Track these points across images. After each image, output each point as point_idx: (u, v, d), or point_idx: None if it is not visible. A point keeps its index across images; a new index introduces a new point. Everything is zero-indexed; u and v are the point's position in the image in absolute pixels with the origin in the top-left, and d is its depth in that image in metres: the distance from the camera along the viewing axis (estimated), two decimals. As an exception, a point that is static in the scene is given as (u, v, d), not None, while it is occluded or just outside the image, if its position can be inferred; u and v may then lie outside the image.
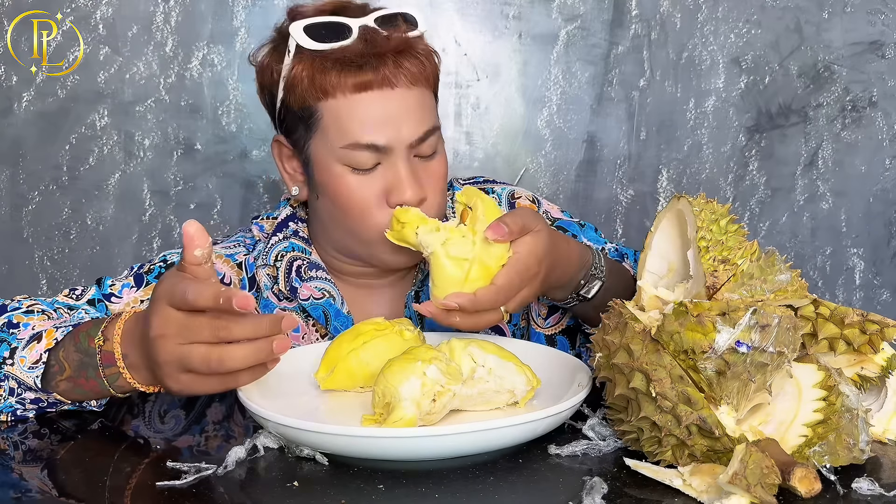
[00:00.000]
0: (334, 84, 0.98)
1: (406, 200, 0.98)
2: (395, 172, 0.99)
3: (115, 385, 0.83)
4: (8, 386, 0.87)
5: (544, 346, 0.98)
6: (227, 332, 0.74)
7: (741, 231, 0.78)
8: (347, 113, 0.98)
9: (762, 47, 1.73)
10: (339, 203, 1.02)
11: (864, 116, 1.76)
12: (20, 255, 1.68)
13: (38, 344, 0.87)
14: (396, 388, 0.75)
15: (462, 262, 0.83)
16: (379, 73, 0.98)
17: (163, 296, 0.76)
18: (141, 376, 0.82)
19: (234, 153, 1.69)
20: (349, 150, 0.99)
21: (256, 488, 0.70)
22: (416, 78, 1.00)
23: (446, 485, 0.69)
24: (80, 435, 0.85)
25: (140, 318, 0.81)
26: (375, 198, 1.00)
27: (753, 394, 0.69)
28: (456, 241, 0.84)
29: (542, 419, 0.74)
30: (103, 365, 0.82)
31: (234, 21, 1.66)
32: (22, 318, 0.92)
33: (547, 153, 1.75)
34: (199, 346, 0.74)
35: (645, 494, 0.68)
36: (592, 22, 1.72)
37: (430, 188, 1.02)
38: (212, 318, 0.74)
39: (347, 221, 1.03)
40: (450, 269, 0.84)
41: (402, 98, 0.99)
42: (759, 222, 1.79)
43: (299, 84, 1.00)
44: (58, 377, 0.85)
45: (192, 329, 0.74)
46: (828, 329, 0.73)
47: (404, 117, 0.99)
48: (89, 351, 0.83)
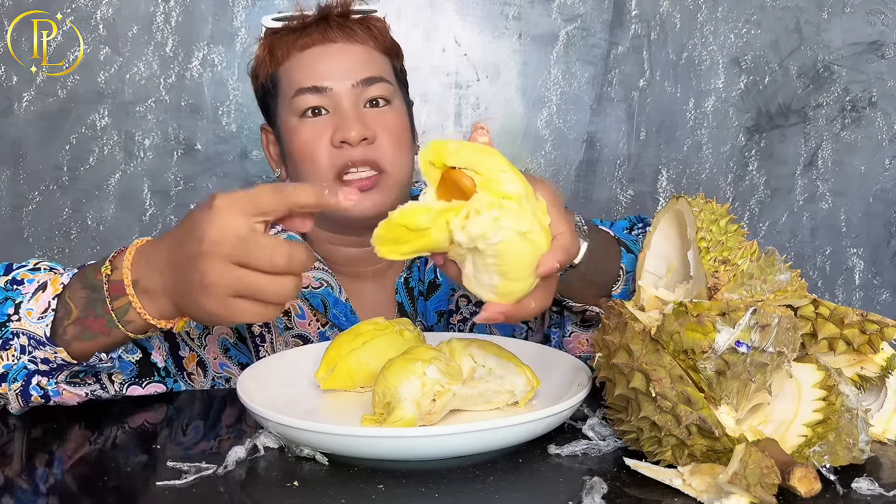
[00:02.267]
0: (286, 49, 1.11)
1: (349, 138, 1.04)
2: (341, 112, 1.07)
3: (124, 320, 0.77)
4: (18, 343, 0.81)
5: (544, 346, 0.98)
6: (286, 263, 0.68)
7: (741, 231, 0.78)
8: (296, 68, 1.10)
9: (762, 47, 1.73)
10: (296, 158, 1.09)
11: (863, 116, 1.76)
12: (20, 255, 1.67)
13: (44, 293, 0.81)
14: (396, 388, 0.75)
15: (526, 236, 0.65)
16: (321, 32, 1.10)
17: (229, 205, 0.68)
18: (154, 306, 0.75)
19: (234, 153, 1.69)
20: (297, 98, 1.08)
21: (256, 488, 0.70)
22: (357, 36, 1.10)
23: (446, 485, 0.69)
24: (79, 434, 0.85)
25: (164, 239, 0.75)
26: (326, 142, 1.06)
27: (753, 394, 0.69)
28: (510, 214, 0.65)
29: (542, 419, 0.74)
30: (111, 296, 0.76)
31: (234, 21, 1.66)
32: (27, 275, 0.86)
33: (547, 153, 1.75)
34: (253, 272, 0.67)
35: (645, 494, 0.68)
36: (592, 22, 1.72)
37: (381, 131, 1.07)
38: (276, 243, 0.67)
39: (304, 174, 1.08)
40: (524, 249, 0.66)
41: (342, 50, 1.10)
42: (759, 222, 1.79)
43: (264, 60, 1.13)
44: (64, 322, 0.79)
45: (251, 250, 0.67)
46: (827, 329, 0.73)
47: (344, 63, 1.09)
48: (96, 285, 0.77)
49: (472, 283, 0.69)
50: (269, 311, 0.70)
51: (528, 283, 0.67)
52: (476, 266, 0.67)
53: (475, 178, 0.65)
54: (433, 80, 1.72)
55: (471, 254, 0.67)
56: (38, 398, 0.85)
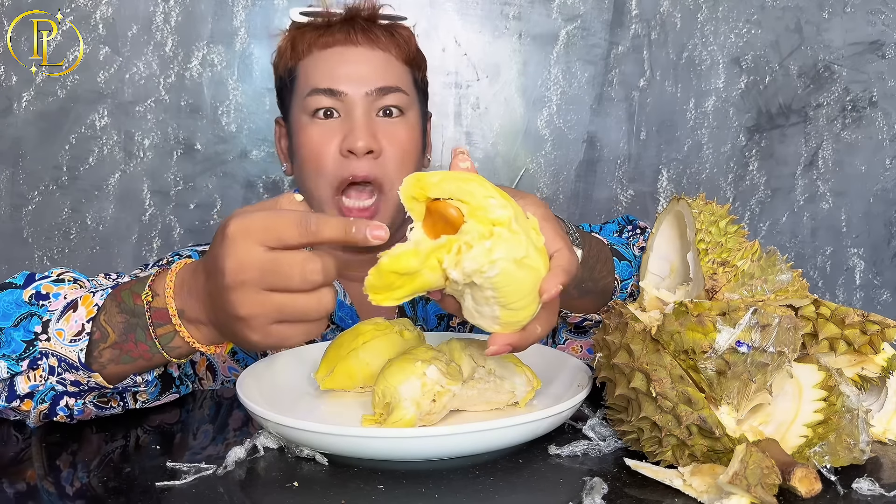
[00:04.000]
0: (308, 44, 1.10)
1: (355, 148, 1.04)
2: (352, 121, 1.06)
3: (168, 347, 0.74)
4: (47, 364, 0.78)
5: (544, 347, 0.98)
6: (322, 277, 0.64)
7: (741, 232, 0.78)
8: (314, 66, 1.09)
9: (762, 47, 1.73)
10: (302, 157, 1.08)
11: (864, 116, 1.76)
12: (20, 255, 1.68)
13: (75, 313, 0.77)
14: (396, 388, 0.75)
15: (523, 262, 0.63)
16: (345, 33, 1.09)
17: (245, 233, 0.63)
18: (202, 334, 0.73)
19: (234, 153, 1.69)
20: (310, 98, 1.08)
21: (256, 488, 0.70)
22: (380, 42, 1.09)
23: (446, 485, 0.69)
24: (79, 435, 0.85)
25: (198, 267, 0.71)
26: (333, 148, 1.06)
27: (754, 394, 0.69)
28: (505, 241, 0.62)
29: (542, 419, 0.74)
30: (154, 324, 0.74)
31: (234, 21, 1.66)
32: (51, 288, 0.83)
33: (547, 153, 1.75)
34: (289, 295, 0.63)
35: (645, 494, 0.68)
36: (592, 22, 1.72)
37: (388, 144, 1.07)
38: (304, 259, 0.63)
39: (308, 177, 1.08)
40: (522, 276, 0.63)
41: (362, 54, 1.09)
42: (759, 222, 1.79)
43: (285, 52, 1.12)
44: (100, 345, 0.76)
45: (279, 274, 0.63)
46: (828, 329, 0.73)
47: (362, 69, 1.08)
48: (136, 310, 0.75)
49: (473, 316, 0.66)
50: (314, 328, 0.67)
51: (531, 310, 0.65)
52: (476, 299, 0.65)
53: (462, 207, 0.62)
54: (433, 80, 1.70)
55: (469, 288, 0.64)
56: (63, 417, 0.83)
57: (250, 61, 1.66)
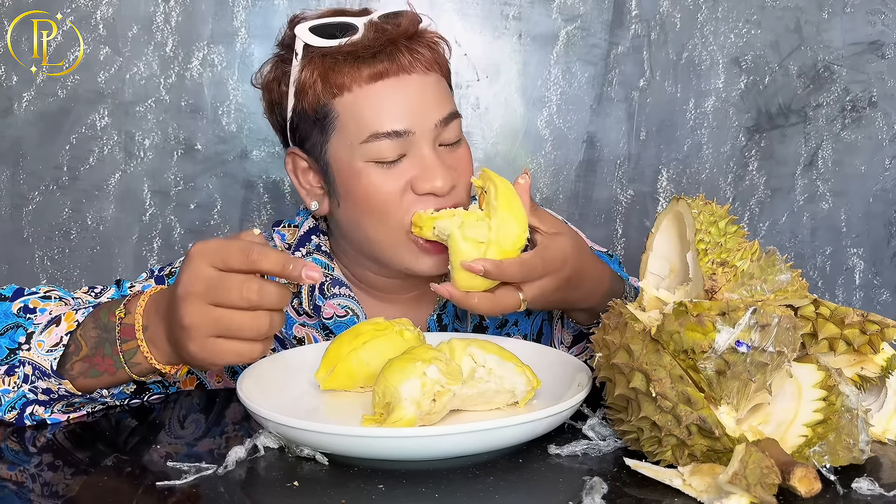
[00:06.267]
0: (349, 78, 0.95)
1: (436, 189, 0.94)
2: (422, 159, 0.95)
3: (131, 362, 0.80)
4: (23, 372, 0.83)
5: (544, 346, 0.98)
6: (257, 297, 0.72)
7: (741, 232, 0.78)
8: (365, 104, 0.94)
9: (762, 47, 1.73)
10: (361, 203, 0.97)
11: (863, 116, 1.76)
12: (20, 255, 1.68)
13: (58, 327, 0.83)
14: (396, 388, 0.75)
15: (478, 245, 0.85)
16: (394, 60, 0.95)
17: (200, 253, 0.73)
18: (160, 352, 0.79)
19: (234, 153, 1.69)
20: (370, 143, 0.94)
21: (256, 488, 0.70)
22: (430, 63, 0.98)
23: (446, 485, 0.69)
24: (79, 435, 0.85)
25: (167, 290, 0.78)
26: (400, 191, 0.95)
27: (753, 394, 0.69)
28: (471, 223, 0.86)
29: (542, 419, 0.74)
30: (121, 339, 0.79)
31: (234, 21, 1.66)
32: (39, 304, 0.89)
33: (547, 153, 1.75)
34: (228, 310, 0.72)
35: (645, 494, 0.68)
36: (592, 22, 1.72)
37: (460, 175, 0.98)
38: (244, 279, 0.72)
39: (370, 223, 0.97)
40: (467, 251, 0.85)
41: (419, 83, 0.96)
42: (759, 222, 1.79)
43: (311, 86, 0.96)
44: (73, 358, 0.82)
45: (220, 289, 0.72)
46: (828, 329, 0.73)
47: (424, 101, 0.96)
48: (108, 326, 0.80)
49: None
50: (250, 349, 0.74)
51: (471, 281, 0.85)
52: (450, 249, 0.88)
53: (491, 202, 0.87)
54: (433, 80, 1.71)
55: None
56: (31, 426, 0.87)
57: (251, 61, 1.66)
